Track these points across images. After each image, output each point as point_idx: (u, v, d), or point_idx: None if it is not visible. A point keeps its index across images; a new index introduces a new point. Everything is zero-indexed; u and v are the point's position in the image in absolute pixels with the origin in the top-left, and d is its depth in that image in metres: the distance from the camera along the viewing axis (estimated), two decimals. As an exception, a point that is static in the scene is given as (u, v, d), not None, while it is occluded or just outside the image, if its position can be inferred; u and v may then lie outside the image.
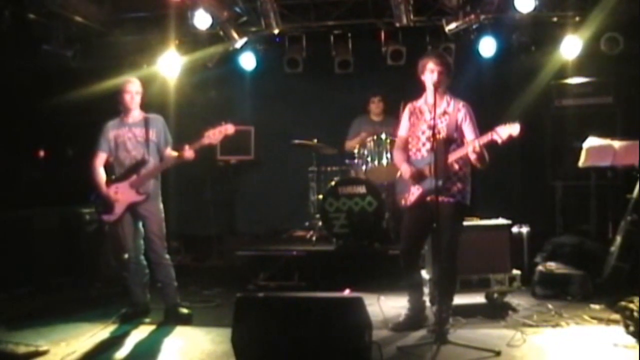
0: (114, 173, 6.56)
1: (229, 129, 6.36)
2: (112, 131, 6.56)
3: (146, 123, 6.54)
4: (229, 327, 4.84)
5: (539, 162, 9.28)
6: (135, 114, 6.57)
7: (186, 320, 6.44)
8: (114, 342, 5.93)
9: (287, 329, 4.72)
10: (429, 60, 5.77)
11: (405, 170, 5.84)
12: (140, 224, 6.54)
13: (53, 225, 8.48)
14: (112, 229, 6.62)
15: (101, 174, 6.52)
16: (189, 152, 6.29)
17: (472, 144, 5.50)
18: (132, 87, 6.50)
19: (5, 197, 8.48)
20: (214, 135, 6.31)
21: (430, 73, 5.73)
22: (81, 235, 8.47)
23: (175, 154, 6.42)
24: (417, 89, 6.02)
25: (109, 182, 6.50)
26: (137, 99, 6.55)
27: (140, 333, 6.19)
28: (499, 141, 5.41)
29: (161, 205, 6.60)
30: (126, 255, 6.54)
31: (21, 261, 7.90)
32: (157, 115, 6.71)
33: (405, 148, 6.03)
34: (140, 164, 6.44)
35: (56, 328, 6.29)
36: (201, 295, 7.57)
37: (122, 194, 6.41)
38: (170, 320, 6.46)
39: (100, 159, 6.56)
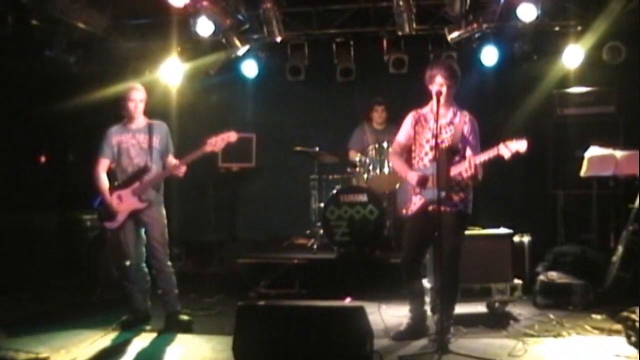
0: (116, 179, 6.51)
1: (232, 136, 6.34)
2: (115, 137, 6.51)
3: (150, 129, 6.51)
4: (230, 335, 4.84)
5: (540, 171, 9.27)
6: (139, 120, 6.54)
7: (186, 328, 6.40)
8: (114, 349, 5.91)
9: (288, 338, 4.72)
10: (438, 73, 5.67)
11: (412, 176, 5.77)
12: (143, 231, 6.50)
13: (53, 230, 8.49)
14: (114, 236, 6.57)
15: (104, 181, 6.46)
16: (180, 168, 6.31)
17: (468, 161, 5.50)
18: (137, 95, 6.46)
19: (6, 201, 8.48)
20: (216, 143, 6.29)
21: (438, 86, 5.66)
22: (81, 241, 8.44)
23: (175, 161, 6.41)
24: (419, 97, 6.01)
25: (112, 188, 6.44)
26: (141, 107, 6.51)
27: (140, 340, 6.16)
28: (506, 156, 5.41)
29: (164, 212, 6.56)
30: (127, 263, 6.50)
31: (21, 265, 7.89)
32: (161, 121, 6.69)
33: (402, 153, 6.00)
34: (142, 171, 6.41)
35: (56, 335, 6.26)
36: (202, 303, 7.55)
37: (125, 201, 6.37)
38: (170, 327, 6.42)
39: (103, 165, 6.49)
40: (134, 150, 6.46)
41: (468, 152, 5.70)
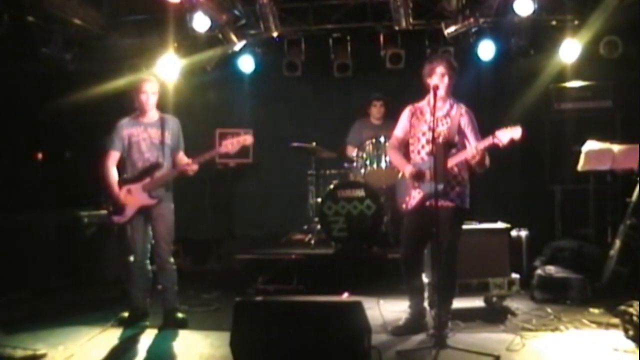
0: (125, 172, 6.41)
1: (248, 139, 6.31)
2: (125, 130, 6.38)
3: (162, 124, 6.41)
4: (228, 331, 4.82)
5: (538, 166, 9.27)
6: (151, 113, 6.44)
7: (181, 325, 6.37)
8: (112, 346, 5.90)
9: (286, 333, 4.70)
10: (439, 65, 5.73)
11: (408, 169, 5.79)
12: (150, 227, 6.44)
13: (51, 228, 8.44)
14: (122, 230, 6.52)
15: (114, 174, 6.36)
16: (192, 167, 6.29)
17: (472, 148, 5.50)
18: (149, 87, 6.35)
19: (4, 201, 8.45)
20: (232, 145, 6.25)
21: (440, 77, 5.69)
22: (79, 239, 8.43)
23: (188, 160, 6.37)
24: (416, 93, 6.01)
25: (121, 182, 6.35)
26: (153, 99, 6.40)
27: (138, 337, 6.16)
28: (501, 144, 5.41)
29: (172, 206, 6.48)
30: (131, 258, 6.45)
31: (19, 264, 7.85)
32: (173, 116, 6.60)
33: (400, 147, 6.03)
34: (154, 167, 6.31)
35: (54, 332, 6.25)
36: (200, 299, 7.54)
37: (134, 196, 6.29)
38: (166, 324, 6.42)
39: (113, 158, 6.38)
40: (145, 144, 6.36)
41: (471, 142, 5.70)
